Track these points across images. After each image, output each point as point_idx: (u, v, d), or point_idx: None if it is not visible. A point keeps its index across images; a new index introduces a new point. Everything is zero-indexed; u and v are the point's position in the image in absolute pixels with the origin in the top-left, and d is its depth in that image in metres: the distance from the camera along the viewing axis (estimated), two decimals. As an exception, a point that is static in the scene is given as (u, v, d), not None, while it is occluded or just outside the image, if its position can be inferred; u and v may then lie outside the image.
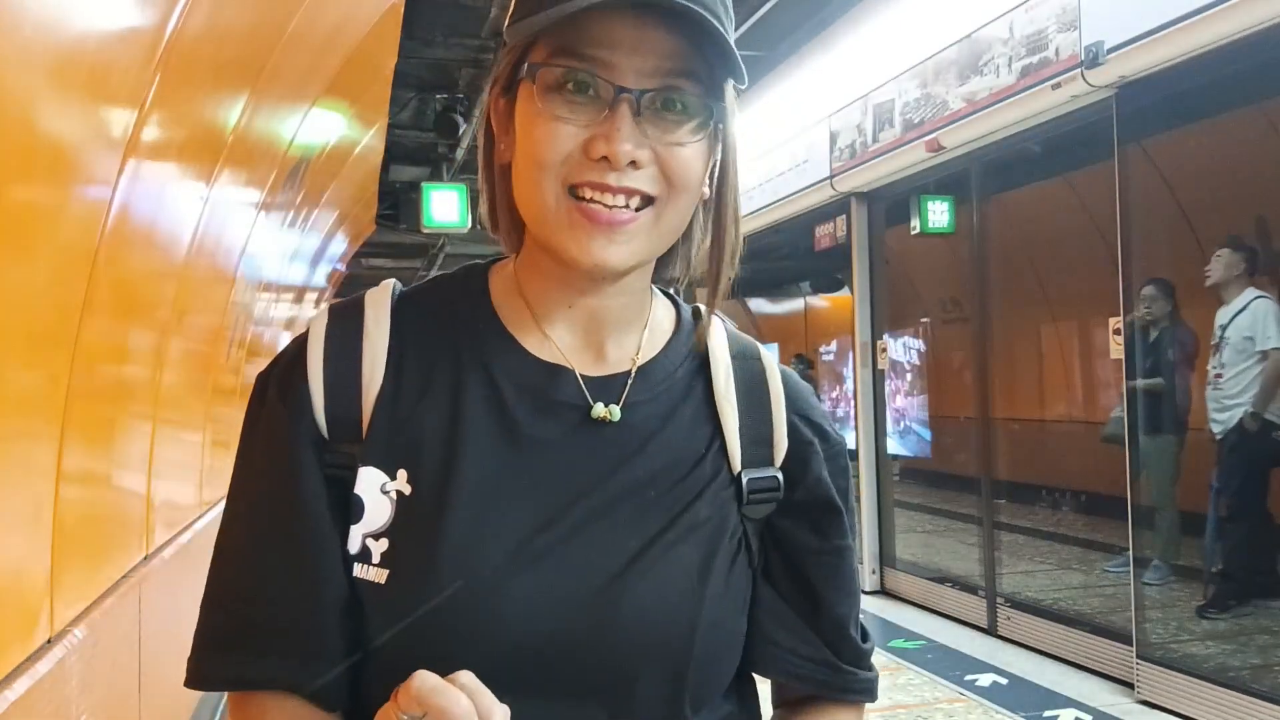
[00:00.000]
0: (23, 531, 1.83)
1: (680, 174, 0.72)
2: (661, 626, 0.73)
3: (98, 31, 1.74)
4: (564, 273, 0.76)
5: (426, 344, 0.77)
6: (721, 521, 0.78)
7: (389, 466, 0.73)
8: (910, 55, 5.55)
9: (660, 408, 0.79)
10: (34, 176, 1.65)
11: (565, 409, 0.77)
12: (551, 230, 0.72)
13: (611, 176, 0.69)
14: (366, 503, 0.73)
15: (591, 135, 0.70)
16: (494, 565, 0.70)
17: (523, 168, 0.73)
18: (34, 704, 1.77)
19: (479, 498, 0.72)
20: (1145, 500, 4.47)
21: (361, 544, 0.72)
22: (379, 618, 0.71)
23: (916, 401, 6.61)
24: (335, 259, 9.07)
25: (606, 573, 0.72)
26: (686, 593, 0.74)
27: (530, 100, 0.71)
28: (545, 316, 0.79)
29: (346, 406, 0.74)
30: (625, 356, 0.80)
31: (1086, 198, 6.89)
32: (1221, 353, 4.37)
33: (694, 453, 0.79)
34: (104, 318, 2.17)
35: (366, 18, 3.84)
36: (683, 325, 0.85)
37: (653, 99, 0.70)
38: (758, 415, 0.82)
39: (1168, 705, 3.97)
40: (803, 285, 10.46)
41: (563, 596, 0.71)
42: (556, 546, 0.72)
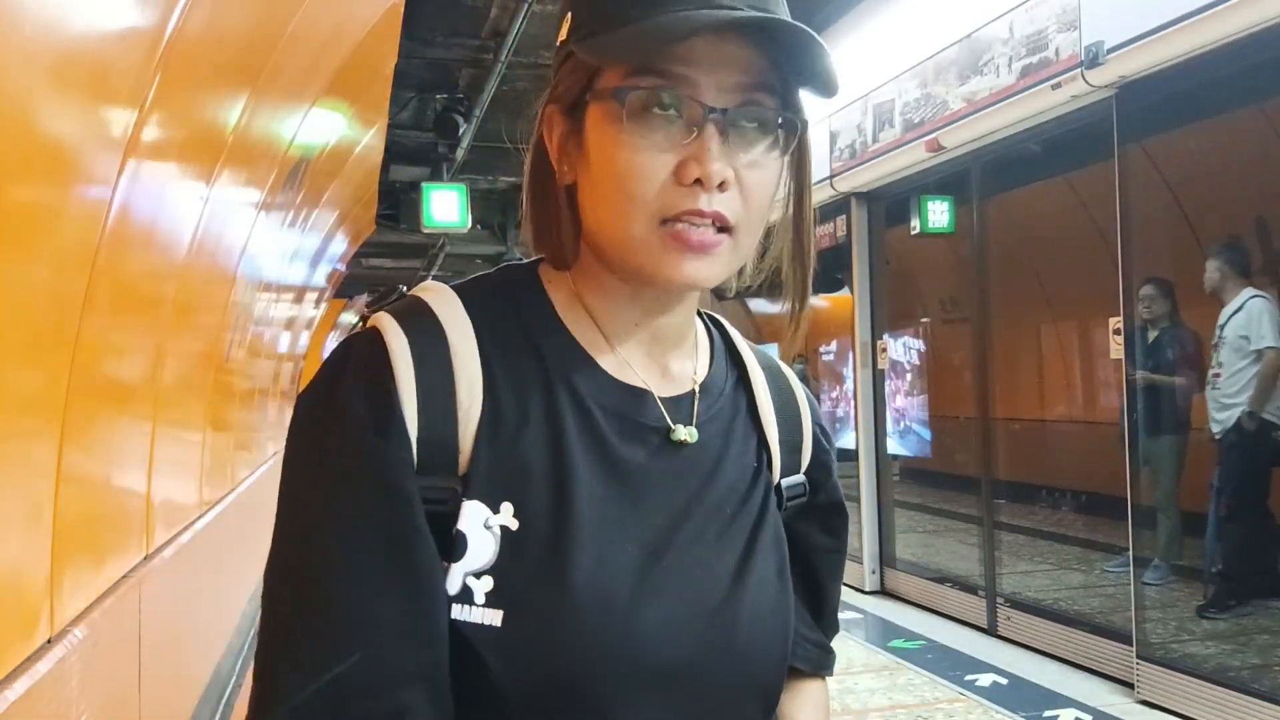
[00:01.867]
0: (23, 531, 1.84)
1: (758, 195, 0.72)
2: (769, 641, 0.76)
3: (98, 31, 1.74)
4: (634, 290, 0.75)
5: (512, 364, 0.73)
6: (779, 531, 0.81)
7: (493, 500, 0.68)
8: (910, 55, 5.55)
9: (721, 425, 0.81)
10: (34, 176, 1.65)
11: (649, 432, 0.76)
12: (639, 257, 0.70)
13: (703, 200, 0.68)
14: (470, 539, 0.67)
15: (681, 159, 0.68)
16: (625, 595, 0.69)
17: (606, 195, 0.70)
18: (34, 704, 1.77)
19: (593, 528, 0.70)
20: (1145, 500, 4.47)
21: (462, 583, 0.67)
22: (498, 662, 0.66)
23: (916, 401, 6.61)
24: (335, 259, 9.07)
25: (718, 594, 0.74)
26: (778, 604, 0.78)
27: (611, 124, 0.69)
28: (614, 334, 0.77)
29: (443, 434, 0.68)
30: (686, 375, 0.81)
31: (1086, 198, 6.89)
32: (1220, 352, 4.37)
33: (751, 464, 0.81)
34: (104, 318, 2.17)
35: (366, 18, 3.84)
36: (715, 340, 0.87)
37: (735, 116, 0.69)
38: (792, 425, 0.86)
39: (1168, 705, 3.97)
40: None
41: (687, 621, 0.71)
42: (673, 572, 0.72)
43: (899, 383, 6.66)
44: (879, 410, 6.51)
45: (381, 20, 3.94)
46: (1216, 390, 4.40)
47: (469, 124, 7.01)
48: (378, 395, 0.67)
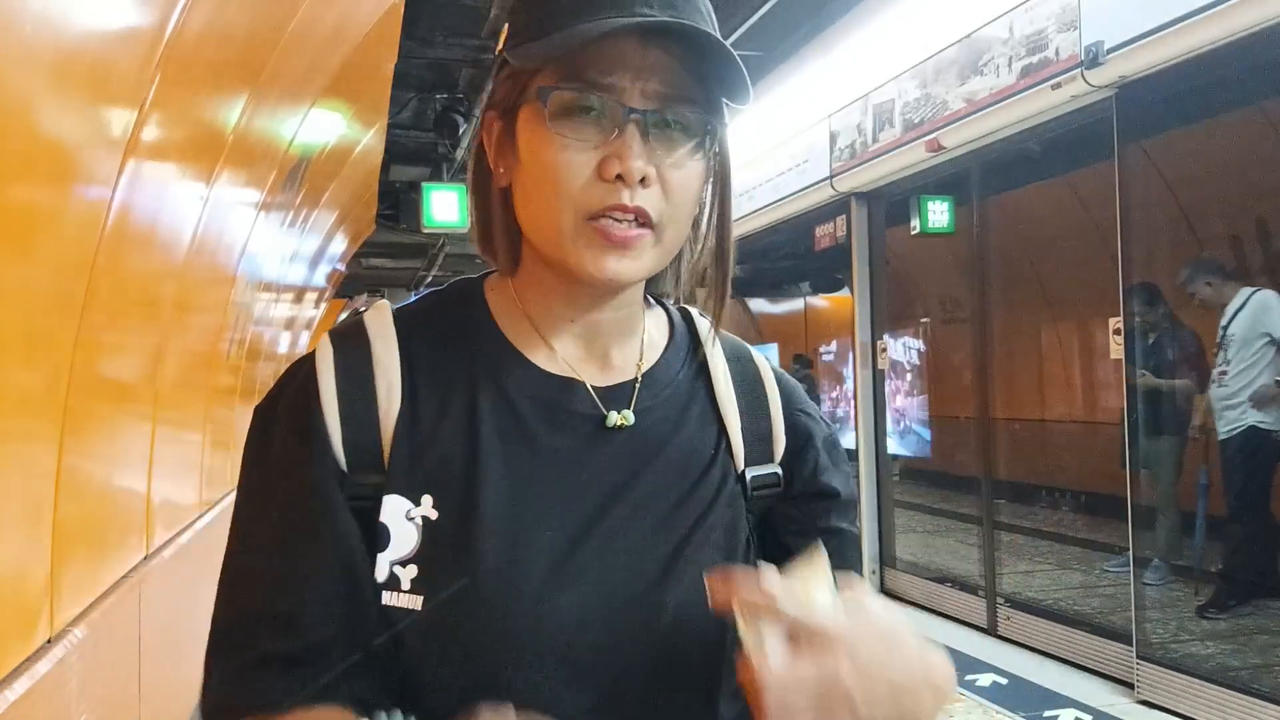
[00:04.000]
0: (23, 531, 1.84)
1: (680, 193, 0.75)
2: (699, 631, 0.74)
3: (98, 31, 1.74)
4: (568, 288, 0.78)
5: (437, 365, 0.78)
6: (734, 521, 0.80)
7: (413, 493, 0.73)
8: (910, 55, 5.55)
9: (669, 413, 0.82)
10: (34, 176, 1.65)
11: (579, 420, 0.78)
12: (566, 252, 0.73)
13: (625, 194, 0.72)
14: (393, 530, 0.73)
15: (604, 157, 0.72)
16: (535, 582, 0.71)
17: (534, 193, 0.74)
18: (34, 704, 1.77)
19: (509, 516, 0.73)
20: (1145, 500, 4.47)
21: (390, 571, 0.72)
22: (418, 644, 0.71)
23: (916, 401, 6.61)
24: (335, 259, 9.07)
25: (644, 581, 0.74)
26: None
27: (539, 124, 0.73)
28: (549, 330, 0.80)
29: (365, 436, 0.74)
30: (629, 364, 0.82)
31: (1086, 198, 6.89)
32: (1226, 352, 4.38)
33: (705, 455, 0.81)
34: (104, 317, 2.17)
35: (366, 18, 3.84)
36: (676, 330, 0.87)
37: (658, 120, 0.73)
38: (757, 414, 0.85)
39: (1168, 705, 3.97)
40: (803, 285, 10.47)
41: (606, 608, 0.72)
42: (594, 558, 0.73)
43: (899, 383, 6.66)
44: (879, 410, 6.50)
45: (381, 20, 3.94)
46: (1223, 389, 4.40)
47: (469, 124, 7.01)
48: (304, 409, 0.74)
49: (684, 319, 0.89)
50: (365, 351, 0.76)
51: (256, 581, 0.73)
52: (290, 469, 0.74)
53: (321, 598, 0.72)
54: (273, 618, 0.72)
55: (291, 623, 0.71)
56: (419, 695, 0.71)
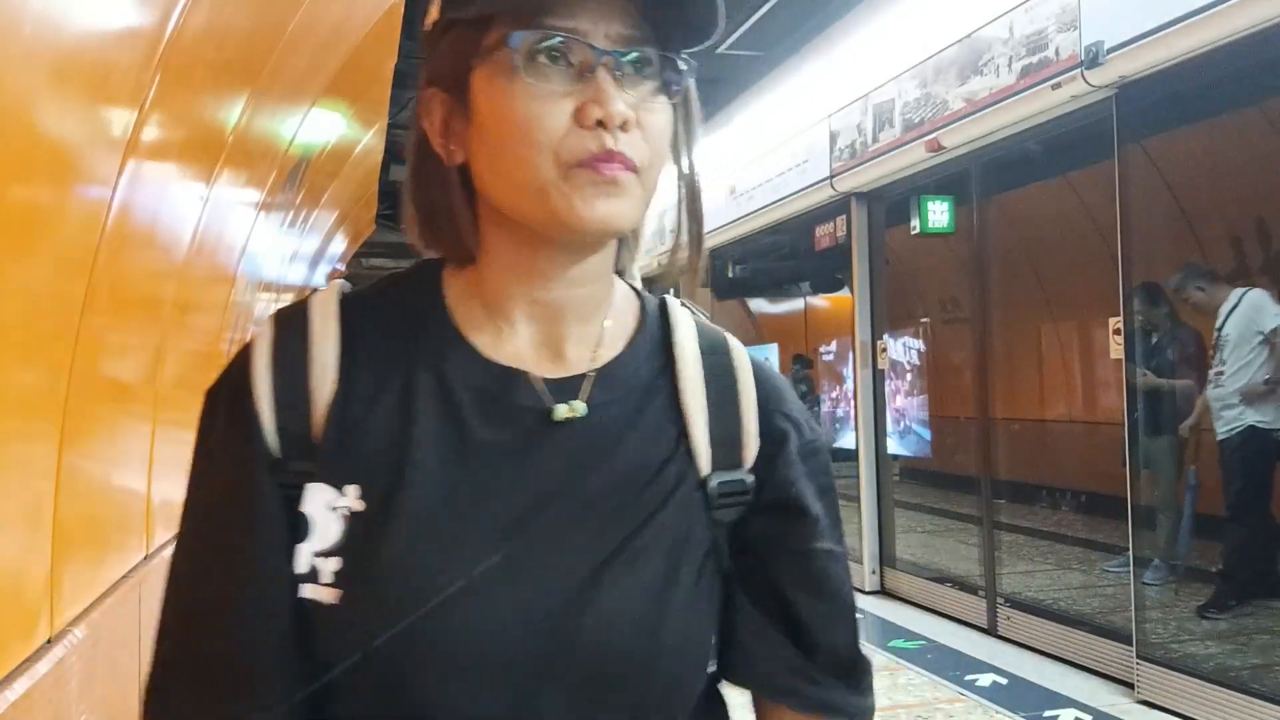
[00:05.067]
0: (23, 531, 1.84)
1: (658, 136, 0.71)
2: (627, 642, 0.69)
3: (98, 31, 1.74)
4: (531, 262, 0.73)
5: (376, 349, 0.73)
6: (689, 529, 0.73)
7: (338, 482, 0.69)
8: (910, 55, 5.55)
9: (625, 409, 0.75)
10: (34, 176, 1.65)
11: (522, 413, 0.73)
12: (551, 200, 0.68)
13: (608, 139, 0.67)
14: (315, 520, 0.69)
15: (580, 104, 0.67)
16: (446, 584, 0.67)
17: (507, 152, 0.69)
18: (34, 704, 1.77)
19: (429, 512, 0.69)
20: (1145, 500, 4.47)
21: (311, 563, 0.68)
22: (330, 639, 0.68)
23: (916, 401, 6.61)
24: (335, 259, 9.07)
25: (569, 586, 0.69)
26: (652, 607, 0.70)
27: (503, 78, 0.68)
28: (504, 316, 0.75)
29: (297, 422, 0.70)
30: (585, 356, 0.76)
31: (1086, 198, 6.89)
32: (1222, 352, 4.38)
33: (660, 456, 0.74)
34: (104, 317, 2.17)
35: (366, 18, 3.84)
36: (648, 319, 0.80)
37: (629, 61, 0.69)
38: (726, 415, 0.78)
39: (1168, 705, 3.97)
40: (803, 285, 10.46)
41: (523, 613, 0.68)
42: (516, 559, 0.68)
43: (899, 383, 6.66)
44: (879, 410, 6.50)
45: (381, 20, 3.94)
46: (1219, 389, 4.40)
47: (469, 124, 7.00)
48: (237, 395, 0.71)
49: (660, 308, 0.82)
50: (304, 333, 0.72)
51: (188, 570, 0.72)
52: (222, 454, 0.71)
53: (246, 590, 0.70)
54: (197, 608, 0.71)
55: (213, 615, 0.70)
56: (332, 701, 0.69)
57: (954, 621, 5.55)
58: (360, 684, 0.67)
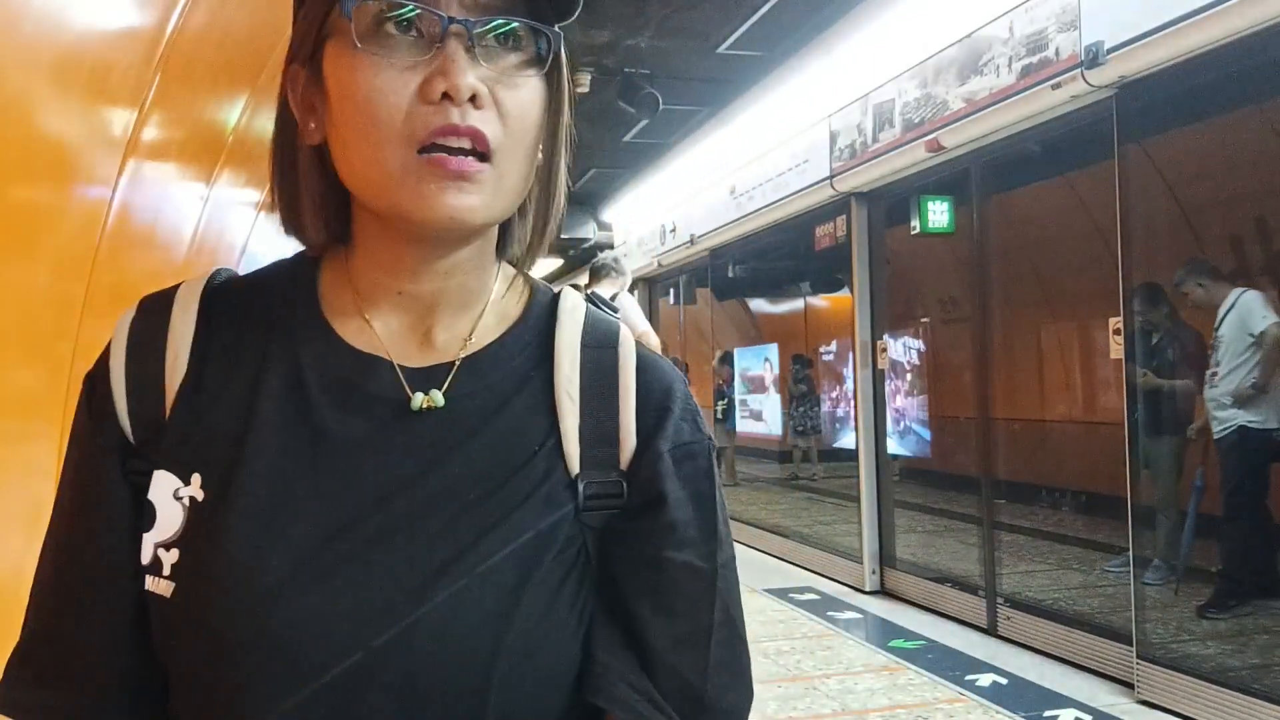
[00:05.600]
0: (23, 531, 1.84)
1: (518, 115, 0.66)
2: (463, 647, 0.64)
3: (98, 31, 1.74)
4: (398, 253, 0.70)
5: (236, 337, 0.70)
6: (551, 530, 0.68)
7: (183, 470, 0.67)
8: (910, 55, 5.55)
9: (489, 400, 0.70)
10: (34, 176, 1.65)
11: (377, 403, 0.69)
12: (396, 194, 0.64)
13: (455, 114, 0.63)
14: (159, 509, 0.66)
15: (425, 77, 0.63)
16: (275, 578, 0.63)
17: (353, 134, 0.65)
18: (34, 704, 1.77)
19: (266, 502, 0.65)
20: (1145, 500, 4.47)
21: (153, 555, 0.66)
22: (164, 634, 0.66)
23: (916, 401, 6.61)
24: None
25: (405, 588, 0.64)
26: (493, 614, 0.65)
27: (346, 52, 0.64)
28: (371, 305, 0.71)
29: (150, 408, 0.68)
30: (454, 344, 0.72)
31: (1086, 198, 6.89)
32: (1217, 353, 4.39)
33: (524, 452, 0.69)
34: (104, 317, 2.17)
35: (366, 18, 3.84)
36: (533, 310, 0.75)
37: (484, 32, 0.65)
38: (603, 412, 0.72)
39: (1168, 705, 3.97)
40: (803, 285, 10.47)
41: (352, 614, 0.63)
42: (351, 557, 0.64)
43: (899, 383, 6.66)
44: (879, 410, 6.51)
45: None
46: (1214, 389, 4.41)
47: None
48: (95, 380, 0.71)
49: (554, 298, 0.77)
50: (163, 319, 0.70)
51: (43, 557, 0.72)
52: (80, 440, 0.71)
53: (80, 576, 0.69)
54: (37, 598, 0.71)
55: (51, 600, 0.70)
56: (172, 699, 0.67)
57: (954, 621, 5.55)
58: (188, 682, 0.65)
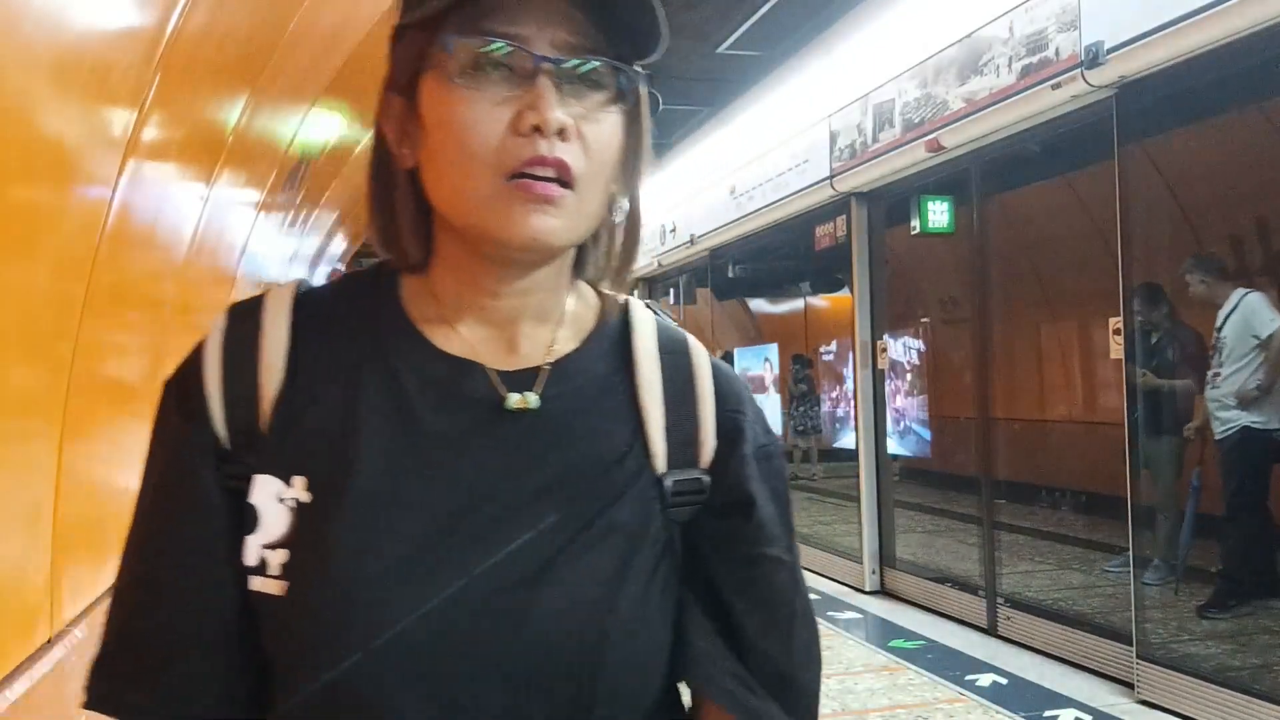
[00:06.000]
0: (23, 531, 1.84)
1: (599, 147, 0.70)
2: (571, 635, 0.68)
3: (98, 31, 1.74)
4: (482, 271, 0.73)
5: (329, 344, 0.73)
6: (642, 525, 0.73)
7: (285, 474, 0.69)
8: (910, 55, 5.55)
9: (578, 403, 0.75)
10: (34, 176, 1.65)
11: (474, 404, 0.72)
12: (484, 216, 0.68)
13: (543, 145, 0.67)
14: (262, 512, 0.69)
15: (518, 111, 0.67)
16: (389, 572, 0.66)
17: (446, 160, 0.69)
18: (34, 704, 1.77)
19: (374, 501, 0.68)
20: (1145, 500, 4.47)
21: (259, 556, 0.69)
22: (276, 631, 0.68)
23: (916, 401, 6.61)
24: (335, 258, 9.07)
25: (513, 579, 0.68)
26: (598, 602, 0.69)
27: (444, 85, 0.68)
28: (459, 314, 0.75)
29: (245, 414, 0.71)
30: (538, 350, 0.76)
31: (1086, 198, 6.89)
32: (1220, 353, 4.39)
33: (614, 452, 0.74)
34: (104, 317, 2.17)
35: (366, 18, 3.84)
36: (607, 319, 0.80)
37: (570, 69, 0.68)
38: (683, 414, 0.77)
39: (1168, 705, 3.97)
40: (803, 285, 10.47)
41: (462, 606, 0.67)
42: (461, 549, 0.68)
43: (899, 383, 6.66)
44: (879, 410, 6.50)
45: (382, 20, 3.94)
46: (1216, 390, 4.41)
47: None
48: (187, 386, 0.72)
49: (623, 309, 0.81)
50: (255, 326, 0.73)
51: (128, 560, 0.72)
52: (168, 445, 0.73)
53: (176, 581, 0.70)
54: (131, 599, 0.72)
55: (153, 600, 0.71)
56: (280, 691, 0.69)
57: (954, 621, 5.55)
58: (306, 675, 0.67)
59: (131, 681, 0.70)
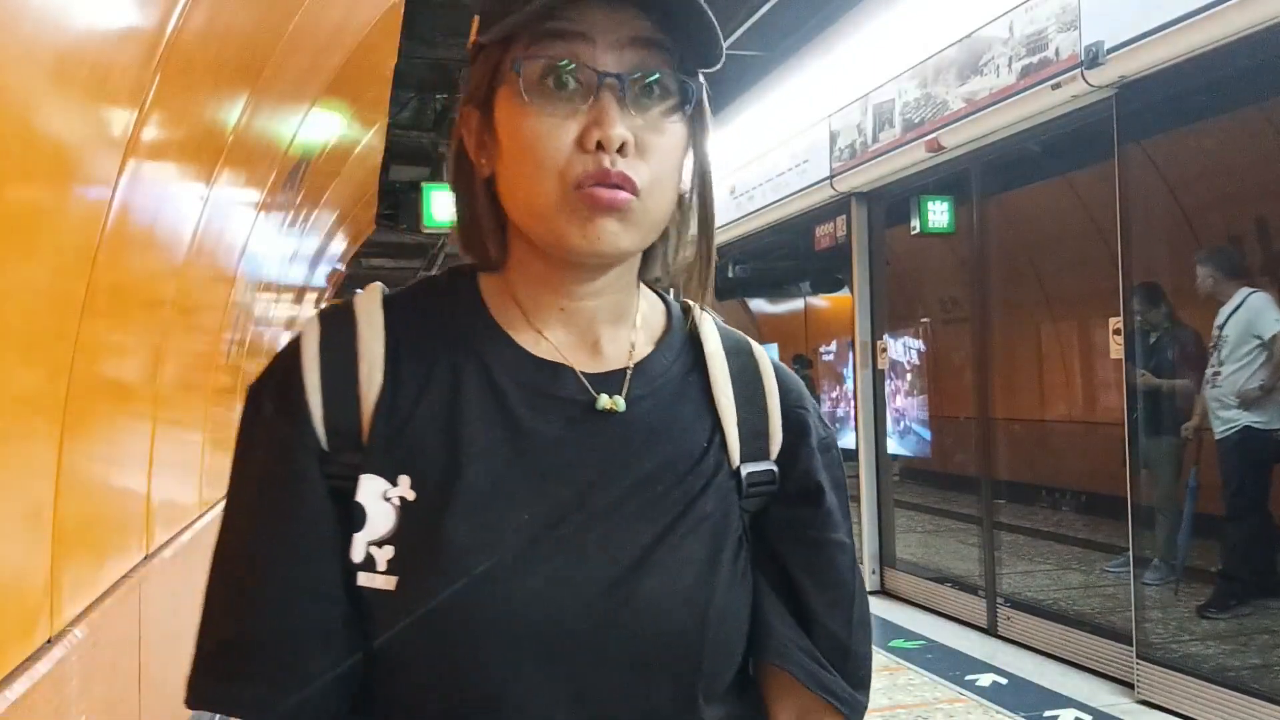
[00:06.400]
0: (23, 531, 1.84)
1: (662, 159, 0.74)
2: (676, 619, 0.73)
3: (98, 31, 1.74)
4: (557, 273, 0.78)
5: (422, 346, 0.77)
6: (725, 515, 0.78)
7: (390, 473, 0.73)
8: (910, 55, 5.55)
9: (660, 402, 0.80)
10: (34, 176, 1.65)
11: (567, 404, 0.77)
12: (554, 224, 0.72)
13: (606, 161, 0.71)
14: (369, 510, 0.72)
15: (583, 127, 0.71)
16: (505, 563, 0.70)
17: (517, 172, 0.73)
18: (34, 704, 1.77)
19: (483, 497, 0.72)
20: (1145, 500, 4.47)
21: (366, 552, 0.72)
22: (390, 624, 0.71)
23: (916, 401, 6.61)
24: (335, 259, 9.07)
25: (619, 566, 0.73)
26: (697, 585, 0.75)
27: (515, 101, 0.72)
28: (539, 318, 0.79)
29: (346, 415, 0.74)
30: (621, 353, 0.81)
31: (1086, 198, 6.89)
32: (1220, 352, 4.38)
33: (697, 447, 0.79)
34: (104, 317, 2.17)
35: (366, 18, 3.84)
36: (674, 321, 0.86)
37: (633, 83, 0.72)
38: (754, 409, 0.83)
39: (1168, 705, 3.97)
40: (803, 285, 10.47)
41: (575, 591, 0.71)
42: (568, 542, 0.72)
43: (899, 383, 6.66)
44: (879, 410, 6.50)
45: (381, 20, 3.94)
46: (1216, 389, 4.40)
47: (469, 124, 6.99)
48: (286, 389, 0.75)
49: (684, 311, 0.87)
50: (350, 332, 0.76)
51: (230, 560, 0.74)
52: (271, 447, 0.74)
53: (288, 578, 0.72)
54: (239, 598, 0.73)
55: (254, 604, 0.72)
56: (392, 680, 0.72)
57: (954, 621, 5.55)
58: (419, 667, 0.71)
59: (247, 679, 0.72)
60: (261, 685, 0.71)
